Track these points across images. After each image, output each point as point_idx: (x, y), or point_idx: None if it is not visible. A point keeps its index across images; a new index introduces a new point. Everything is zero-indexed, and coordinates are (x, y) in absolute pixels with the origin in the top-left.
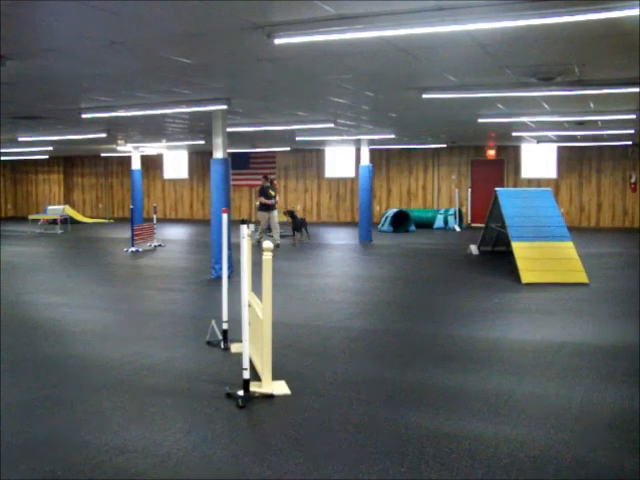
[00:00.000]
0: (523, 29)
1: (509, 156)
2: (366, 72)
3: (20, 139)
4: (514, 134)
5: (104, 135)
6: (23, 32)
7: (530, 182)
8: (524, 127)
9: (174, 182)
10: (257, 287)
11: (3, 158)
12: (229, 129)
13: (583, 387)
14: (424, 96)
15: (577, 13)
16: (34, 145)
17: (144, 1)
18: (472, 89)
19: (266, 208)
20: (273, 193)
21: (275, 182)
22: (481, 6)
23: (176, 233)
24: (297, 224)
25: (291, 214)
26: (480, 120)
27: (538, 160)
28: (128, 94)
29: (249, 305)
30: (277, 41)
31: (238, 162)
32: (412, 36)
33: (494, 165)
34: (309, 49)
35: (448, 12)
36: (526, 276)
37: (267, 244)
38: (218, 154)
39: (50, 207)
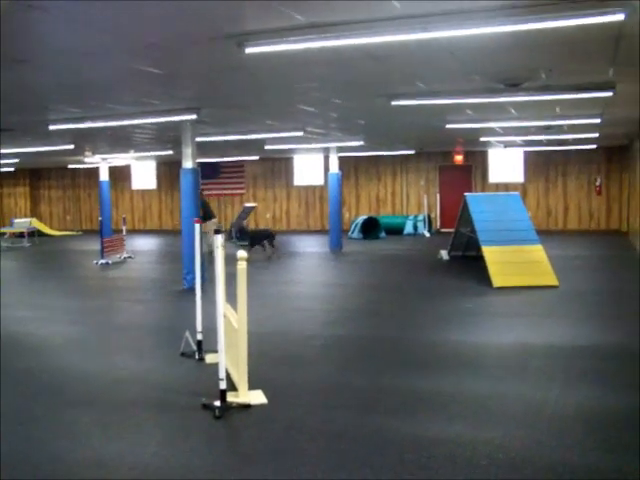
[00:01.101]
0: (491, 36)
1: (477, 161)
2: (335, 80)
3: None
4: (482, 139)
5: (71, 147)
6: None
7: (498, 187)
8: (492, 132)
9: (142, 193)
10: (230, 297)
11: None
12: (198, 139)
13: (557, 388)
14: (393, 103)
15: (544, 20)
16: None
17: (114, 11)
18: (441, 95)
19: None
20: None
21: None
22: (449, 13)
23: (145, 244)
24: (255, 237)
25: (240, 229)
26: (448, 126)
27: (505, 165)
28: (97, 105)
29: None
30: (248, 50)
31: (208, 172)
32: (382, 44)
33: (462, 170)
34: (279, 58)
35: (417, 20)
36: (497, 280)
37: (241, 253)
38: (187, 164)
39: (16, 220)
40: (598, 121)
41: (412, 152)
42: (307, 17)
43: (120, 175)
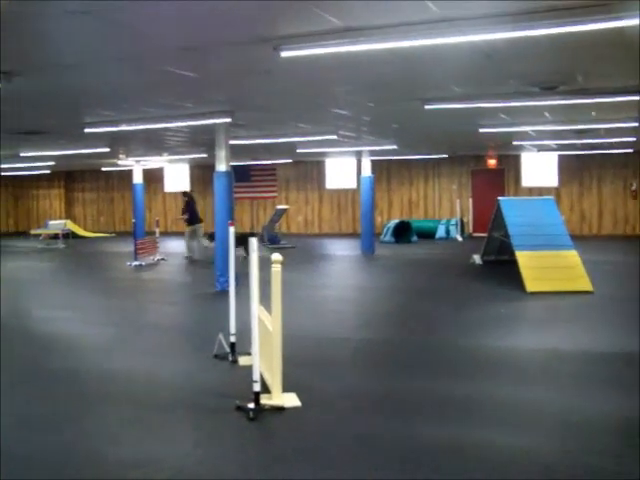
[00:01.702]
0: (527, 39)
1: (510, 165)
2: (369, 83)
3: (22, 154)
4: (515, 143)
5: (107, 149)
6: (29, 48)
7: (531, 191)
8: (525, 136)
9: (175, 195)
10: (263, 299)
11: (4, 174)
12: (231, 142)
13: (592, 395)
14: (427, 107)
15: (580, 23)
16: (36, 160)
17: (150, 15)
18: (475, 99)
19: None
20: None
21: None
22: (485, 17)
23: (177, 246)
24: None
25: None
26: (481, 130)
27: (539, 169)
28: (132, 108)
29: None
30: (283, 54)
31: (239, 175)
32: (416, 47)
33: (495, 174)
34: (313, 61)
35: (452, 23)
36: (531, 285)
37: (276, 256)
38: (221, 167)
39: (51, 222)
40: (635, 125)
41: (445, 156)
42: (343, 21)
43: (153, 177)
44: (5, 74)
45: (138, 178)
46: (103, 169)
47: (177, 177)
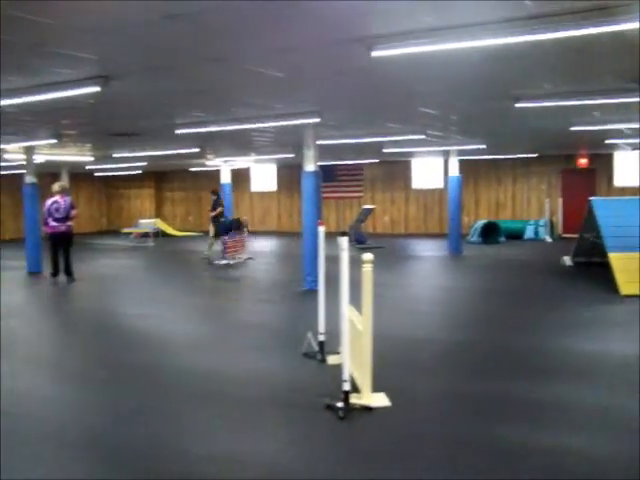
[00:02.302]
0: (626, 33)
1: (601, 164)
2: (459, 82)
3: (115, 155)
4: (607, 142)
5: (197, 150)
6: (125, 52)
7: (624, 191)
8: (619, 134)
9: (261, 195)
10: (352, 298)
11: (98, 174)
12: (318, 142)
13: None
14: (517, 105)
15: None
16: (129, 161)
17: (242, 19)
18: (568, 97)
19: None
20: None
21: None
22: (580, 11)
23: (265, 245)
24: (225, 227)
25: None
26: (573, 128)
27: (633, 168)
28: (221, 109)
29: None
30: (374, 53)
31: (325, 174)
32: (506, 45)
33: (585, 174)
34: (402, 60)
35: (548, 19)
36: (625, 288)
37: (367, 256)
38: (309, 167)
39: (142, 221)
40: None
41: (534, 155)
42: (435, 19)
43: (240, 177)
44: (102, 78)
45: (226, 178)
46: (191, 169)
47: (263, 177)
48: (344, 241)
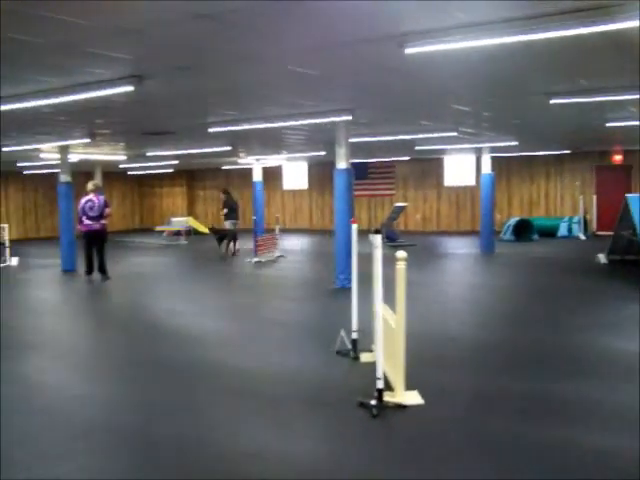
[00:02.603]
0: None
1: (637, 161)
2: (492, 78)
3: (148, 154)
4: None
5: (229, 148)
6: (157, 52)
7: None
8: None
9: (293, 193)
10: (385, 296)
11: (131, 173)
12: (350, 139)
13: None
14: (552, 101)
15: None
16: (161, 159)
17: (274, 18)
18: (604, 92)
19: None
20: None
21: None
22: (615, 6)
23: (296, 243)
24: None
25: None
26: (608, 124)
27: None
28: (254, 107)
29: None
30: (407, 50)
31: (357, 172)
32: (541, 40)
33: (620, 170)
34: (435, 57)
35: (583, 14)
36: None
37: (401, 254)
38: (341, 164)
39: (174, 219)
40: None
41: (567, 152)
42: (468, 15)
43: (271, 175)
44: (136, 78)
45: (258, 176)
46: (223, 167)
47: (295, 175)
48: (377, 239)
